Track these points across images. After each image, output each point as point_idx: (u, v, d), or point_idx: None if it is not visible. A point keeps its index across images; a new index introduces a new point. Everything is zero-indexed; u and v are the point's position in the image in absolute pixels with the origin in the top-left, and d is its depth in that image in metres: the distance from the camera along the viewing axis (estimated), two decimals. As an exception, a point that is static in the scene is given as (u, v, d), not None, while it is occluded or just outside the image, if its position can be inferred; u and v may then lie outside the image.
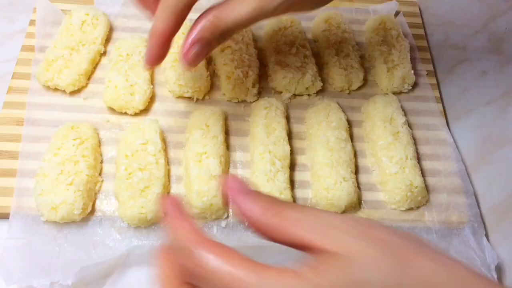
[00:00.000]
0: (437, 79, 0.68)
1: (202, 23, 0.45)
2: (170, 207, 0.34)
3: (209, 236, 0.32)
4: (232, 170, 0.56)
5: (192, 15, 0.45)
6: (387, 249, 0.30)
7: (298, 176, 0.56)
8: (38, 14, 0.63)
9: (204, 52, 0.46)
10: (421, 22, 0.73)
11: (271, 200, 0.35)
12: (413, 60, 0.66)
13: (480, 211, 0.57)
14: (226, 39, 0.46)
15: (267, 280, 0.29)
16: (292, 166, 0.56)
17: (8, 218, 0.50)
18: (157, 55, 0.46)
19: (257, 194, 0.35)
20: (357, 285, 0.28)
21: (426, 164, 0.59)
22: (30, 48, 0.61)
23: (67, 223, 0.50)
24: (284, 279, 0.29)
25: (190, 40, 0.45)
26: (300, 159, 0.57)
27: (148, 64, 0.47)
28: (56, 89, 0.58)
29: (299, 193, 0.55)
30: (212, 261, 0.30)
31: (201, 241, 0.31)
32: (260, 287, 0.29)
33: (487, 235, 0.56)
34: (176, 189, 0.54)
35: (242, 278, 0.29)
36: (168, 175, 0.54)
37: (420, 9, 0.74)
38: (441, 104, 0.65)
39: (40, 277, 0.47)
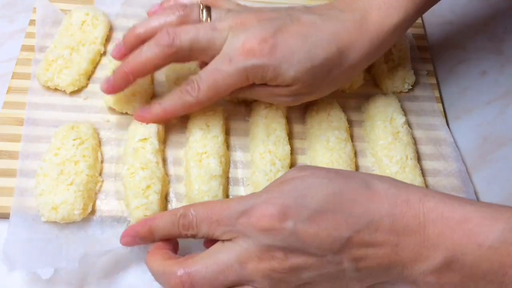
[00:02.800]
0: (437, 79, 0.68)
1: None
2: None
3: None
4: (232, 170, 0.56)
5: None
6: (321, 168, 0.45)
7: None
8: (37, 14, 0.63)
9: None
10: (421, 22, 0.73)
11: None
12: (413, 60, 0.66)
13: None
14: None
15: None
16: (293, 167, 0.56)
17: (8, 218, 0.50)
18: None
19: None
20: (304, 185, 0.41)
21: (426, 164, 0.59)
22: (30, 48, 0.61)
23: (68, 223, 0.50)
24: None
25: None
26: (300, 159, 0.57)
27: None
28: (56, 89, 0.58)
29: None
30: None
31: None
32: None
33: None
34: (176, 189, 0.54)
35: None
36: (166, 174, 0.54)
37: (420, 9, 0.74)
38: (441, 104, 0.65)
39: (44, 265, 0.46)
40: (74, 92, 0.59)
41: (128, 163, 0.51)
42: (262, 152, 0.54)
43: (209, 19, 0.51)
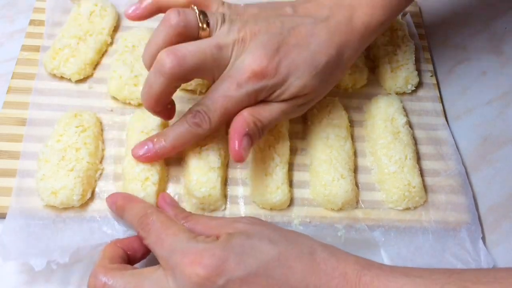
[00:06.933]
0: (437, 79, 0.68)
1: (243, 120, 0.48)
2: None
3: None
4: (232, 170, 0.56)
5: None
6: (270, 226, 0.45)
7: (298, 175, 0.56)
8: (47, 2, 0.64)
9: (251, 145, 0.49)
10: (421, 22, 0.73)
11: (183, 210, 0.50)
12: (417, 60, 0.66)
13: (479, 213, 0.57)
14: (262, 135, 0.51)
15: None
16: (293, 166, 0.56)
17: (8, 218, 0.50)
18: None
19: (176, 206, 0.50)
20: (248, 243, 0.41)
21: (426, 164, 0.59)
22: (30, 48, 0.61)
23: (66, 208, 0.51)
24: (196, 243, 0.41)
25: (238, 135, 0.48)
26: (301, 159, 0.57)
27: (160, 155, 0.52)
28: (62, 77, 0.59)
29: (298, 192, 0.55)
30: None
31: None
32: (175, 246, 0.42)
33: (484, 238, 0.55)
34: (175, 180, 0.54)
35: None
36: (165, 165, 0.54)
37: (420, 9, 0.74)
38: (441, 104, 0.65)
39: (37, 256, 0.47)
40: (79, 81, 0.59)
41: (129, 155, 0.52)
42: (262, 147, 0.54)
43: (206, 25, 0.49)
